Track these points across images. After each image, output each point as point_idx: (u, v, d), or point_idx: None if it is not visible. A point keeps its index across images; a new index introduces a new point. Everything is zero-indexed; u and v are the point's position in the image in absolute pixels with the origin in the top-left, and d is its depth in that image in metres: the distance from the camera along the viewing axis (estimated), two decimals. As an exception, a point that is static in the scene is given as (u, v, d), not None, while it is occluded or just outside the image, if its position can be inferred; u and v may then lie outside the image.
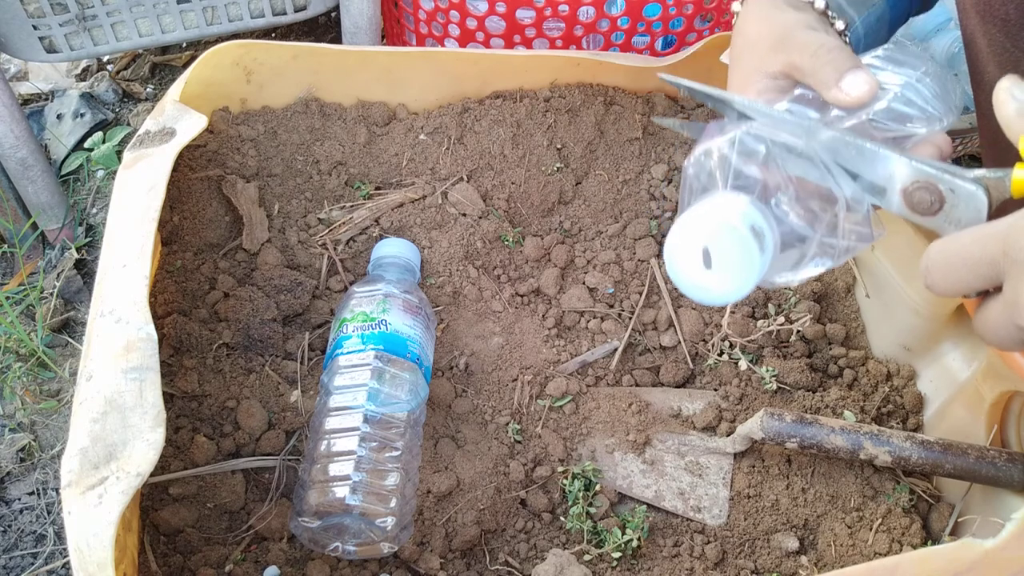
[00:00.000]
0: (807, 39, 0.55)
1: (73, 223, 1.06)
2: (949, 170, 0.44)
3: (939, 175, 0.44)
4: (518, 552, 0.69)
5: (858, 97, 0.51)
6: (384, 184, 0.86)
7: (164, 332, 0.71)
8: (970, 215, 0.43)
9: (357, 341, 0.69)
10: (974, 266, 0.40)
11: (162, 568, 0.62)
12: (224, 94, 0.82)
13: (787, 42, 0.56)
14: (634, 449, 0.73)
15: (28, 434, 0.89)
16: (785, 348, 0.79)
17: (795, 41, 0.55)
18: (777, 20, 0.58)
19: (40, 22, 0.91)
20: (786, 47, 0.56)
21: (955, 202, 0.44)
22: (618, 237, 0.86)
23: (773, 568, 0.67)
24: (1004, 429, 0.67)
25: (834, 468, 0.71)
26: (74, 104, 1.20)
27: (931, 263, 0.42)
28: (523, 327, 0.80)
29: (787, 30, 0.56)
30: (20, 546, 0.82)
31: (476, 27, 0.95)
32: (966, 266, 0.40)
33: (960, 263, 0.40)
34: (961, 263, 0.40)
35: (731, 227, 0.43)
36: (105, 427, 0.52)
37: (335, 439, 0.64)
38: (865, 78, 0.51)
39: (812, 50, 0.54)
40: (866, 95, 0.50)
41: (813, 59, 0.53)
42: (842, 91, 0.51)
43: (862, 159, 0.46)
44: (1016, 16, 0.58)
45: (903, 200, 0.45)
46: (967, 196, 0.43)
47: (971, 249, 0.40)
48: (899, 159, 0.45)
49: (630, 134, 0.89)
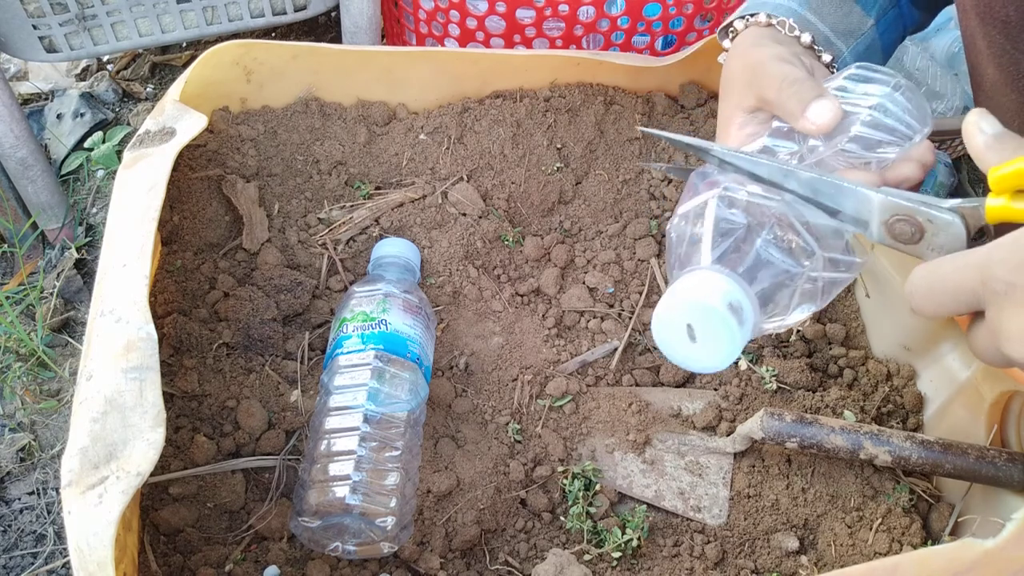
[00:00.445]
0: (774, 72, 0.57)
1: (73, 223, 1.06)
2: (926, 202, 0.46)
3: (916, 207, 0.46)
4: (518, 552, 0.69)
5: (823, 124, 0.52)
6: (384, 184, 0.86)
7: (164, 332, 0.71)
8: (950, 242, 0.45)
9: (357, 341, 0.69)
10: (955, 294, 0.42)
11: (162, 568, 0.62)
12: (224, 94, 0.82)
13: (757, 77, 0.58)
14: (634, 449, 0.73)
15: (28, 434, 0.89)
16: (785, 348, 0.79)
17: (764, 75, 0.57)
18: (752, 56, 0.60)
19: (40, 22, 0.91)
20: (757, 82, 0.58)
21: (935, 231, 0.46)
22: (618, 237, 0.86)
23: (773, 568, 0.67)
24: (1004, 429, 0.67)
25: (834, 468, 0.71)
26: (74, 104, 1.20)
27: (915, 288, 0.44)
28: (523, 327, 0.80)
29: (758, 64, 0.59)
30: (20, 546, 0.82)
31: (476, 27, 0.95)
32: (947, 294, 0.42)
33: (941, 290, 0.42)
34: (942, 291, 0.42)
35: (710, 308, 0.45)
36: (105, 427, 0.52)
37: (335, 439, 0.64)
38: (828, 105, 0.52)
39: (777, 83, 0.56)
40: (830, 121, 0.52)
41: (779, 92, 0.56)
42: (808, 120, 0.53)
43: (842, 196, 0.48)
44: (1016, 18, 0.58)
45: (885, 231, 0.47)
46: (945, 225, 0.45)
47: (952, 278, 0.42)
48: (876, 196, 0.47)
49: (630, 134, 0.89)
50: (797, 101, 0.53)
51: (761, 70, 0.58)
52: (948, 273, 0.42)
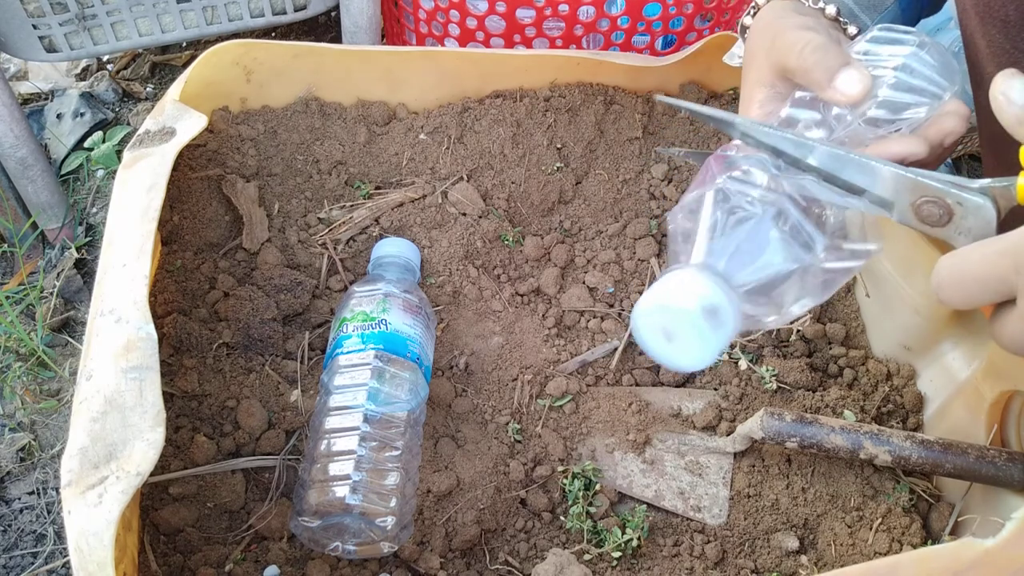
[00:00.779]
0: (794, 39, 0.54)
1: (73, 223, 1.06)
2: (956, 183, 0.44)
3: (946, 188, 0.44)
4: (518, 552, 0.69)
5: (853, 95, 0.50)
6: (384, 184, 0.86)
7: (164, 332, 0.71)
8: (980, 225, 0.43)
9: (357, 340, 0.69)
10: (985, 283, 0.40)
11: (162, 568, 0.62)
12: (224, 93, 0.82)
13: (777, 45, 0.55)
14: (634, 449, 0.73)
15: (28, 434, 0.89)
16: (785, 348, 0.79)
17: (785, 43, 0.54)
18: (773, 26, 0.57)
19: (40, 21, 0.91)
20: (776, 51, 0.55)
21: (963, 214, 0.44)
22: (618, 236, 0.86)
23: (773, 567, 0.67)
24: (1004, 429, 0.67)
25: (834, 468, 0.71)
26: (74, 103, 1.20)
27: (942, 279, 0.42)
28: (523, 327, 0.80)
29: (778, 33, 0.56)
30: (20, 546, 0.82)
31: (476, 27, 0.95)
32: (977, 283, 0.40)
33: (971, 280, 0.41)
34: (972, 280, 0.41)
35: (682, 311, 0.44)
36: (105, 426, 0.52)
37: (335, 438, 0.64)
38: (858, 76, 0.50)
39: (798, 50, 0.53)
40: (861, 92, 0.50)
41: (800, 60, 0.53)
42: (837, 90, 0.50)
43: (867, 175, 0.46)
44: (1015, 17, 0.58)
45: (912, 213, 0.45)
46: (975, 208, 0.43)
47: (981, 266, 0.40)
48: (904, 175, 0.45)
49: (630, 133, 0.89)
50: (824, 69, 0.50)
51: (782, 39, 0.55)
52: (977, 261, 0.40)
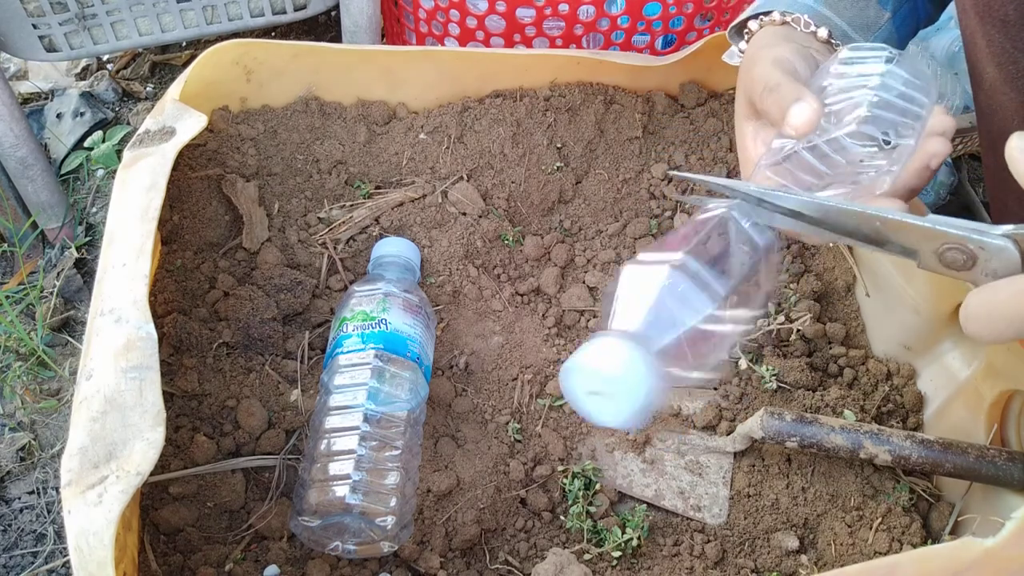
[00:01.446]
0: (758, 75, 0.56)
1: (73, 222, 1.06)
2: (977, 229, 0.44)
3: (968, 235, 0.44)
4: (518, 551, 0.69)
5: (800, 127, 0.51)
6: (384, 183, 0.86)
7: (164, 331, 0.71)
8: (1005, 266, 0.44)
9: (357, 340, 0.69)
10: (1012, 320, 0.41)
11: (162, 567, 0.62)
12: (224, 93, 0.82)
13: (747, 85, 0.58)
14: (634, 448, 0.73)
15: (28, 433, 0.89)
16: (785, 347, 0.79)
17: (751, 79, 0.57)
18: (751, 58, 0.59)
19: (40, 21, 0.91)
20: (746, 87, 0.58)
21: (987, 257, 0.44)
22: (618, 236, 0.86)
23: (773, 567, 0.67)
24: (1004, 428, 0.67)
25: (834, 467, 0.71)
26: (74, 103, 1.20)
27: (971, 315, 0.43)
28: (523, 326, 0.80)
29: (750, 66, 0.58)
30: (20, 545, 0.82)
31: (476, 26, 0.95)
32: (1005, 320, 0.42)
33: (1000, 317, 0.42)
34: (1000, 317, 0.42)
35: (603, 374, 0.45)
36: (105, 426, 0.52)
37: (335, 438, 0.64)
38: (803, 107, 0.51)
39: (759, 91, 0.55)
40: (806, 122, 0.51)
41: (760, 100, 0.55)
42: (788, 125, 0.52)
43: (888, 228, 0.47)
44: (1015, 17, 0.58)
45: (936, 260, 0.46)
46: (998, 251, 0.44)
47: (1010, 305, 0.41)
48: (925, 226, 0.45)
49: (630, 133, 0.89)
50: (777, 108, 0.53)
51: (750, 75, 0.57)
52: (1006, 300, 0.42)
